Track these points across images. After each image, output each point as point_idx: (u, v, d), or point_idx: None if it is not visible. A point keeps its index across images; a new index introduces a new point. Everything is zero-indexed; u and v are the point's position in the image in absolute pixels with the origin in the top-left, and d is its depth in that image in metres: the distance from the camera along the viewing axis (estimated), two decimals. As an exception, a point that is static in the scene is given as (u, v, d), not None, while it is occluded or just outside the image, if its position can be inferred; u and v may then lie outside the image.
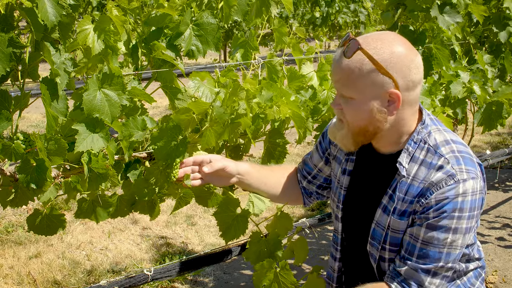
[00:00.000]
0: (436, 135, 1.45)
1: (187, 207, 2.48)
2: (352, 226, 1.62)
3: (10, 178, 1.49)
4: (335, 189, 1.66)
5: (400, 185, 1.45)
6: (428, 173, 1.41)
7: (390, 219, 1.46)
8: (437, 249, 1.39)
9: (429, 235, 1.38)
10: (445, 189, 1.37)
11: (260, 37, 2.22)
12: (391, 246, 1.47)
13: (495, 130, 2.97)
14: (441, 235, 1.37)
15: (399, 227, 1.45)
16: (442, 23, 2.53)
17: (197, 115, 1.55)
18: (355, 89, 1.38)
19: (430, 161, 1.41)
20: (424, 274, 1.40)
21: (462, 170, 1.38)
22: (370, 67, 1.35)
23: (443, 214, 1.37)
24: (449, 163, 1.39)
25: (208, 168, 1.58)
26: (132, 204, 1.77)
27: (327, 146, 1.73)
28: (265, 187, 1.70)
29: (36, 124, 7.34)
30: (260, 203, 1.68)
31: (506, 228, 4.51)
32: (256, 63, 2.08)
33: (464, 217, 1.37)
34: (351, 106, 1.40)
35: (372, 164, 1.55)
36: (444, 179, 1.37)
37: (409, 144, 1.45)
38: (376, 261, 1.51)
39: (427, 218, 1.39)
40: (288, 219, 1.71)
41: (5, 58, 1.30)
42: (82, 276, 3.69)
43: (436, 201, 1.37)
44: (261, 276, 1.56)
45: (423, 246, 1.40)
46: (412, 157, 1.44)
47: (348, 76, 1.37)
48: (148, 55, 1.72)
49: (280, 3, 2.10)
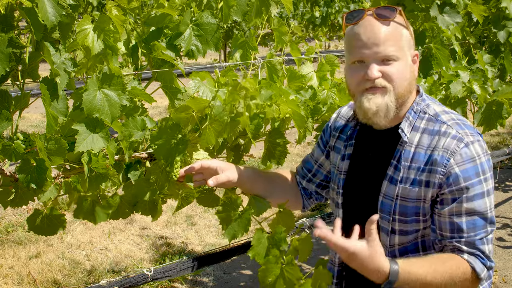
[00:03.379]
0: (435, 106, 1.53)
1: (187, 207, 2.49)
2: (354, 210, 1.63)
3: (10, 178, 1.49)
4: (335, 177, 1.68)
5: (404, 154, 1.49)
6: (433, 139, 1.46)
7: (398, 188, 1.49)
8: (481, 216, 1.44)
9: (470, 206, 1.43)
10: (461, 154, 1.42)
11: (260, 37, 2.22)
12: (400, 216, 1.50)
13: (495, 130, 2.97)
14: (480, 202, 1.43)
15: (409, 195, 1.48)
16: (441, 23, 2.53)
17: (196, 113, 1.55)
18: (400, 48, 1.46)
19: (432, 128, 1.48)
20: (481, 244, 1.45)
21: (467, 133, 1.45)
22: (406, 30, 1.49)
23: (472, 181, 1.42)
24: (453, 128, 1.46)
25: (213, 182, 1.60)
26: (134, 205, 1.77)
27: (327, 139, 1.76)
28: (265, 191, 1.72)
29: (36, 124, 7.34)
30: (261, 204, 1.68)
31: (506, 228, 4.51)
32: (255, 63, 2.08)
33: (488, 177, 1.45)
34: (396, 66, 1.46)
35: (373, 142, 1.59)
36: (454, 144, 1.43)
37: (409, 113, 1.51)
38: (389, 234, 1.53)
39: (460, 191, 1.42)
40: (290, 216, 1.70)
41: (5, 58, 1.30)
42: (82, 276, 3.69)
43: (459, 169, 1.42)
44: (267, 271, 1.56)
45: (469, 218, 1.44)
46: (413, 127, 1.50)
47: (394, 38, 1.45)
48: (148, 55, 1.72)
49: (280, 3, 2.10)
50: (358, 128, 1.65)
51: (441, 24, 2.53)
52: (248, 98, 1.55)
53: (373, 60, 1.45)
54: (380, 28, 1.44)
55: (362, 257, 1.32)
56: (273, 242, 1.60)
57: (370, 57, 1.45)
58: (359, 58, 1.47)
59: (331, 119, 1.77)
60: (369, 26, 1.45)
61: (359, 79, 1.47)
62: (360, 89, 1.48)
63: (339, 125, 1.72)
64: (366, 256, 1.32)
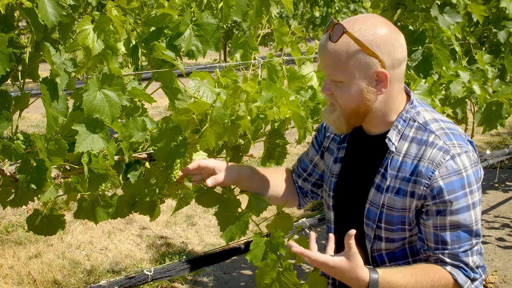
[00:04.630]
0: (425, 114, 1.50)
1: (187, 207, 2.49)
2: (344, 213, 1.64)
3: (10, 178, 1.49)
4: (327, 179, 1.69)
5: (391, 163, 1.48)
6: (419, 149, 1.44)
7: (384, 197, 1.48)
8: (466, 229, 1.42)
9: (455, 219, 1.41)
10: (447, 166, 1.40)
11: (260, 37, 2.22)
12: (386, 224, 1.50)
13: (495, 130, 2.97)
14: (465, 215, 1.41)
15: (394, 205, 1.47)
16: (442, 23, 2.53)
17: (197, 115, 1.55)
18: (344, 72, 1.42)
19: (421, 138, 1.46)
20: (465, 256, 1.44)
21: (454, 145, 1.42)
22: (356, 49, 1.39)
23: (456, 194, 1.40)
24: (441, 139, 1.43)
25: (212, 182, 1.61)
26: (132, 205, 1.77)
27: (322, 140, 1.77)
28: (263, 190, 1.72)
29: (36, 124, 7.34)
30: (261, 203, 1.68)
31: (506, 228, 4.51)
32: (256, 63, 2.08)
33: (473, 190, 1.42)
34: (341, 89, 1.44)
35: (363, 147, 1.59)
36: (440, 156, 1.41)
37: (398, 121, 1.49)
38: (371, 241, 1.53)
39: (444, 204, 1.41)
40: (288, 219, 1.71)
41: (5, 58, 1.30)
42: (82, 276, 3.69)
43: (443, 182, 1.40)
44: (264, 274, 1.57)
45: (453, 231, 1.42)
46: (402, 135, 1.48)
47: (336, 60, 1.41)
48: (148, 55, 1.72)
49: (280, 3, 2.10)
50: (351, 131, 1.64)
51: (441, 24, 2.52)
52: (250, 102, 1.55)
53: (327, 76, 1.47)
54: (328, 50, 1.43)
55: (342, 271, 1.35)
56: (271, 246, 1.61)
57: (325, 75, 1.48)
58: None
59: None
60: (321, 45, 1.45)
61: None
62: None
63: None
64: (347, 270, 1.35)
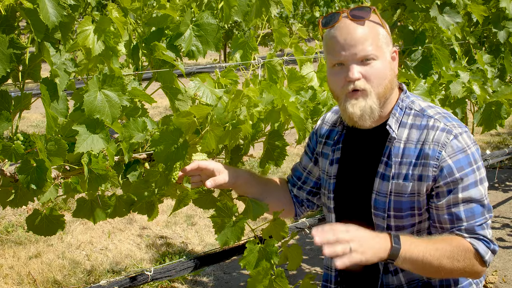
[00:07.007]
0: (420, 102, 1.56)
1: (187, 207, 2.49)
2: (347, 212, 1.64)
3: (10, 178, 1.49)
4: (325, 183, 1.69)
5: (394, 150, 1.51)
6: (421, 134, 1.48)
7: (391, 184, 1.50)
8: (478, 203, 1.46)
9: (467, 195, 1.45)
10: (452, 146, 1.44)
11: (260, 37, 2.22)
12: (395, 211, 1.52)
13: (495, 130, 2.97)
14: (475, 190, 1.45)
15: (402, 191, 1.50)
16: (441, 23, 2.53)
17: (198, 118, 1.55)
18: (376, 47, 1.46)
19: (420, 123, 1.50)
20: (481, 230, 1.46)
21: (454, 125, 1.48)
22: (380, 26, 1.49)
23: (465, 171, 1.44)
24: (441, 122, 1.48)
25: (211, 183, 1.62)
26: (131, 204, 1.77)
27: (314, 146, 1.78)
28: (261, 195, 1.73)
29: (36, 124, 7.34)
30: (259, 207, 1.68)
31: (506, 228, 4.51)
32: (255, 64, 2.08)
33: (480, 166, 1.47)
34: (373, 67, 1.47)
35: (360, 142, 1.61)
36: (444, 136, 1.45)
37: (395, 110, 1.53)
38: (384, 230, 1.53)
39: (455, 182, 1.44)
40: (283, 225, 1.71)
41: (5, 59, 1.30)
42: (82, 276, 3.69)
43: (451, 160, 1.44)
44: (256, 281, 1.58)
45: (467, 207, 1.45)
46: (401, 123, 1.52)
47: (368, 35, 1.46)
48: (149, 56, 1.72)
49: (280, 3, 2.10)
50: (344, 132, 1.66)
51: (441, 24, 2.52)
52: (252, 106, 1.56)
53: (352, 61, 1.46)
54: (356, 29, 1.45)
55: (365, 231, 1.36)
56: (265, 254, 1.61)
57: (349, 59, 1.46)
58: (338, 60, 1.47)
59: (316, 126, 1.79)
60: (345, 28, 1.46)
61: (342, 82, 1.48)
62: (344, 92, 1.48)
63: (325, 131, 1.74)
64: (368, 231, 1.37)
